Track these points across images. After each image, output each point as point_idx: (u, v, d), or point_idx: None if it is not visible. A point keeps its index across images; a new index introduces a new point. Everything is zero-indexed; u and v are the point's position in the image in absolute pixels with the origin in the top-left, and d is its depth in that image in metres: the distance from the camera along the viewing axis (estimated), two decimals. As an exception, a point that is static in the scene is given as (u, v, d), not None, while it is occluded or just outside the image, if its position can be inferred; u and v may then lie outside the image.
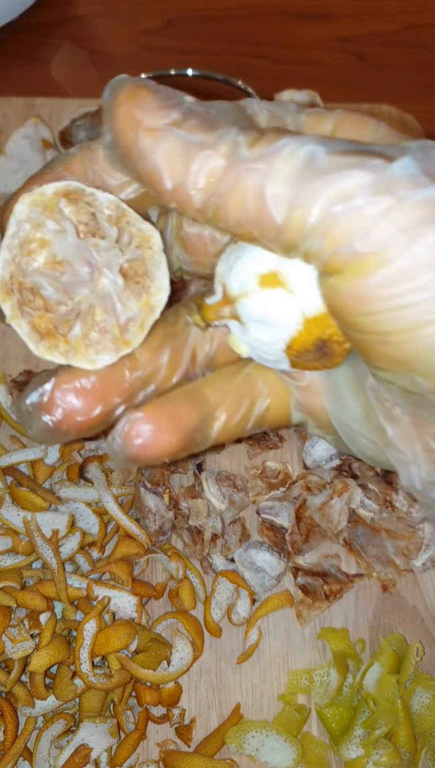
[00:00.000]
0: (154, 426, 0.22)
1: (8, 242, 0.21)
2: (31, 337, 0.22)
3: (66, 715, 0.47)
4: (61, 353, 0.22)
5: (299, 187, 0.18)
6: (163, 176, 0.19)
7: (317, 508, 0.53)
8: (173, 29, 0.84)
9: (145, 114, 0.19)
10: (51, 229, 0.21)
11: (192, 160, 0.19)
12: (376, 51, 0.84)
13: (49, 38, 0.81)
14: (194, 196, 0.19)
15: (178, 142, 0.19)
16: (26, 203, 0.21)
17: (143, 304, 0.22)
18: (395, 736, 0.48)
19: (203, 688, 0.50)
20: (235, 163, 0.18)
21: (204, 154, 0.19)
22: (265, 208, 0.18)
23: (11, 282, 0.21)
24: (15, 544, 0.50)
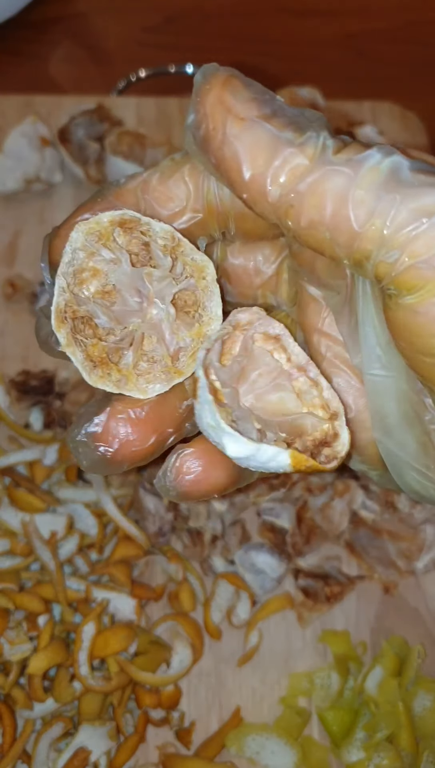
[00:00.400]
0: (204, 461, 0.22)
1: (63, 270, 0.22)
2: (84, 365, 0.22)
3: (65, 718, 0.46)
4: (114, 382, 0.22)
5: (382, 196, 0.18)
6: (244, 165, 0.19)
7: (318, 509, 0.53)
8: (173, 26, 0.83)
9: (237, 102, 0.19)
10: (105, 258, 0.22)
11: (277, 155, 0.19)
12: (378, 48, 0.83)
13: (48, 35, 0.81)
14: (272, 190, 0.19)
15: (266, 135, 0.19)
16: (82, 231, 0.21)
17: (195, 333, 0.22)
18: (397, 739, 0.47)
19: (203, 690, 0.50)
20: (320, 164, 0.19)
21: (290, 151, 0.19)
22: (344, 212, 0.18)
23: (66, 310, 0.22)
24: (13, 545, 0.50)
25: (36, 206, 0.67)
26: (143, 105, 0.72)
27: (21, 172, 0.64)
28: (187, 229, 0.22)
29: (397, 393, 0.22)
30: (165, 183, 0.22)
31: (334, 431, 0.22)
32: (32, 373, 0.58)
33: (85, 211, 0.22)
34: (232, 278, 0.25)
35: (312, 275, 0.23)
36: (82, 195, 0.68)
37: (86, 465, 0.22)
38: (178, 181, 0.22)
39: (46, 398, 0.57)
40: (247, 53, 0.80)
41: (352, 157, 0.19)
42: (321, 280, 0.22)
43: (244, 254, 0.24)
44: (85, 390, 0.57)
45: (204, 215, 0.22)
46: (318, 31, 0.84)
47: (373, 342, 0.21)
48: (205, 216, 0.22)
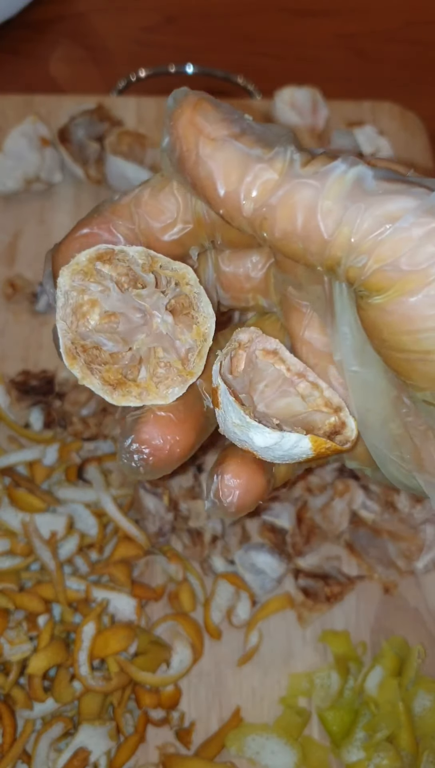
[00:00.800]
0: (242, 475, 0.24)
1: (61, 314, 0.23)
2: (104, 390, 0.24)
3: (64, 718, 0.46)
4: (136, 396, 0.24)
5: (348, 205, 0.19)
6: (218, 182, 0.20)
7: (318, 509, 0.53)
8: (173, 26, 0.83)
9: (207, 123, 0.21)
10: (95, 291, 0.23)
11: (247, 171, 0.20)
12: (377, 48, 0.83)
13: (48, 35, 0.81)
14: (245, 204, 0.20)
15: (236, 153, 0.20)
16: (66, 275, 0.23)
17: (196, 334, 0.24)
18: (397, 739, 0.47)
19: (203, 690, 0.50)
20: (289, 177, 0.20)
21: (260, 166, 0.20)
22: (314, 222, 0.19)
23: (74, 347, 0.24)
24: (13, 545, 0.50)
25: (36, 206, 0.67)
26: (143, 105, 0.72)
27: (21, 172, 0.64)
28: (179, 240, 0.24)
29: (376, 388, 0.23)
30: (156, 197, 0.23)
31: (341, 421, 0.24)
32: (32, 373, 0.58)
33: (84, 226, 0.24)
34: (225, 284, 0.26)
35: (294, 281, 0.24)
36: (82, 195, 0.68)
37: (143, 472, 0.24)
38: (168, 195, 0.23)
39: (46, 398, 0.57)
40: (247, 53, 0.80)
41: (319, 169, 0.20)
42: (302, 286, 0.24)
43: (234, 262, 0.26)
44: (85, 390, 0.57)
45: (194, 226, 0.23)
46: (318, 31, 0.84)
47: (350, 341, 0.23)
48: (195, 227, 0.23)
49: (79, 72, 0.79)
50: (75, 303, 0.23)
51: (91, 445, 0.56)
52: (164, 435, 0.24)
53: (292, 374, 0.25)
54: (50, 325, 0.62)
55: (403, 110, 0.74)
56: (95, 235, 0.23)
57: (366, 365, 0.23)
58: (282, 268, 0.24)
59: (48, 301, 0.62)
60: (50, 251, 0.24)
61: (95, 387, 0.24)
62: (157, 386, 0.24)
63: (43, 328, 0.62)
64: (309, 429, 0.24)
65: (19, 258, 0.64)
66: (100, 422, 0.56)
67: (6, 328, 0.62)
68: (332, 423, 0.24)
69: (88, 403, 0.56)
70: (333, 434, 0.24)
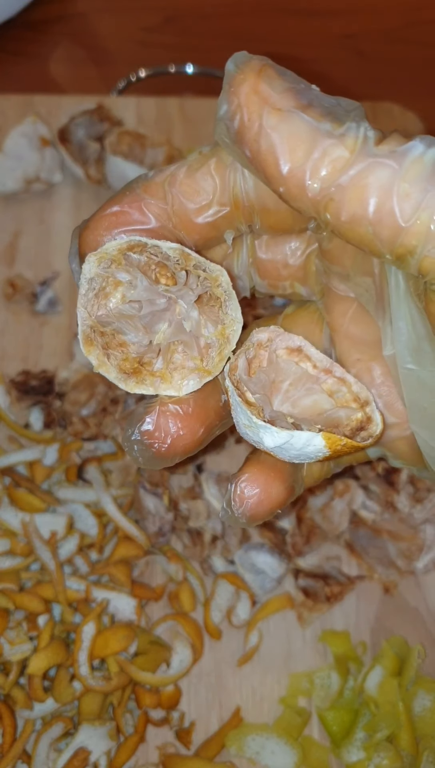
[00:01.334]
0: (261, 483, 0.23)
1: (82, 301, 0.23)
2: (119, 378, 0.23)
3: (65, 718, 0.46)
4: (150, 385, 0.23)
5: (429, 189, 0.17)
6: (281, 158, 0.19)
7: (318, 509, 0.53)
8: (173, 26, 0.83)
9: (273, 92, 0.19)
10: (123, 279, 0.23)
11: (316, 147, 0.18)
12: (377, 48, 0.83)
13: (48, 35, 0.81)
14: (311, 183, 0.18)
15: (304, 126, 0.18)
16: (92, 262, 0.22)
17: (219, 333, 0.23)
18: (397, 739, 0.47)
19: (203, 690, 0.50)
20: (362, 156, 0.18)
21: (330, 142, 0.18)
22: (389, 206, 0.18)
23: (92, 334, 0.23)
24: (13, 545, 0.50)
25: (36, 206, 0.67)
26: (143, 105, 0.72)
27: (21, 172, 0.64)
28: (214, 223, 0.22)
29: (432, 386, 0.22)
30: (192, 176, 0.22)
31: (366, 416, 0.23)
32: (32, 373, 0.58)
33: (113, 204, 0.22)
34: (262, 271, 0.25)
35: (341, 271, 0.23)
36: (82, 195, 0.68)
37: (142, 462, 0.23)
38: (205, 175, 0.21)
39: (46, 398, 0.57)
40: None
41: (395, 149, 0.18)
42: (349, 277, 0.22)
43: (271, 248, 0.24)
44: (85, 390, 0.57)
45: (230, 209, 0.22)
46: (318, 31, 0.84)
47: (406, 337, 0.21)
48: (232, 210, 0.22)
49: (79, 72, 0.79)
50: (98, 287, 0.23)
51: (91, 445, 0.56)
52: (168, 427, 0.23)
53: (318, 371, 0.24)
54: (50, 325, 0.62)
55: (403, 110, 0.74)
56: (125, 214, 0.22)
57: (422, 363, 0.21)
58: (327, 258, 0.23)
59: (48, 300, 0.62)
60: (77, 228, 0.23)
61: (110, 375, 0.23)
62: (172, 375, 0.23)
63: (43, 328, 0.62)
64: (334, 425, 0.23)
65: (19, 258, 0.64)
66: (100, 422, 0.56)
67: (6, 328, 0.62)
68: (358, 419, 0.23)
69: (88, 403, 0.56)
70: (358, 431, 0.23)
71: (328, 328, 0.25)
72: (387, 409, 0.24)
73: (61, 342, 0.61)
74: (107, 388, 0.57)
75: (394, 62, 0.82)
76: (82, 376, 0.57)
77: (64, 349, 0.61)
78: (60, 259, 0.65)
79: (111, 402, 0.56)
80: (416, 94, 0.78)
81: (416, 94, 0.79)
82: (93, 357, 0.23)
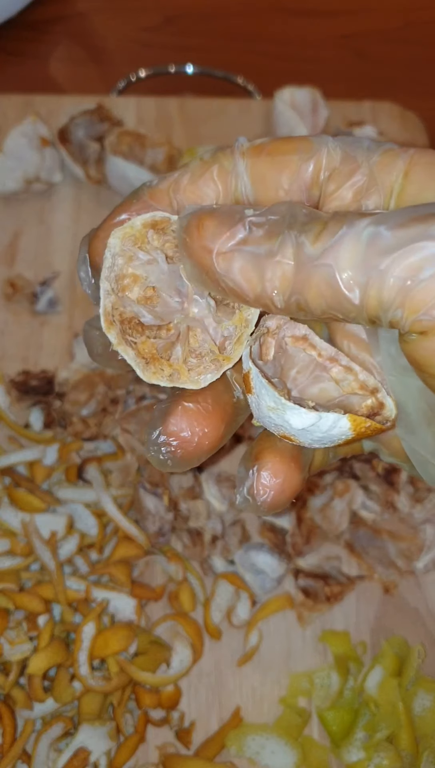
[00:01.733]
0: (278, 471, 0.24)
1: (106, 274, 0.23)
2: (137, 362, 0.23)
3: (64, 718, 0.46)
4: (167, 377, 0.23)
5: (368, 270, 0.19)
6: (244, 290, 0.21)
7: (318, 509, 0.53)
8: (172, 26, 0.83)
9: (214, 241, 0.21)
10: (142, 260, 0.23)
11: (265, 270, 0.21)
12: (377, 48, 0.83)
13: (48, 35, 0.81)
14: (275, 298, 0.21)
15: (249, 258, 0.21)
16: (118, 237, 0.23)
17: (237, 320, 0.24)
18: (397, 739, 0.47)
19: (203, 690, 0.50)
20: (303, 263, 0.20)
21: (273, 261, 0.21)
22: (341, 295, 0.20)
23: (113, 312, 0.23)
24: (13, 545, 0.50)
25: (36, 206, 0.67)
26: (143, 105, 0.72)
27: (21, 172, 0.64)
28: None
29: (417, 392, 0.23)
30: (195, 183, 0.23)
31: (378, 402, 0.24)
32: (32, 373, 0.58)
33: (121, 211, 0.24)
34: None
35: None
36: (82, 195, 0.68)
37: (171, 464, 0.23)
38: (207, 181, 0.23)
39: (46, 398, 0.57)
40: (247, 53, 0.80)
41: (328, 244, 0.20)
42: None
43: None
44: (85, 390, 0.57)
45: None
46: (318, 31, 0.84)
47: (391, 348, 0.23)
48: None
49: (79, 72, 0.79)
50: (120, 270, 0.23)
51: (91, 445, 0.56)
52: (192, 427, 0.23)
53: (324, 359, 0.24)
54: (50, 325, 0.62)
55: (403, 110, 0.74)
56: None
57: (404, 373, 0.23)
58: None
59: (48, 300, 0.62)
60: (86, 236, 0.24)
61: (129, 357, 0.23)
62: (189, 371, 0.23)
63: (43, 328, 0.62)
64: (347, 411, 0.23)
65: (19, 258, 0.64)
66: (100, 422, 0.56)
67: (6, 328, 0.62)
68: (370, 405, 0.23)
69: (88, 403, 0.56)
70: (372, 416, 0.23)
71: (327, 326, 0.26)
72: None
73: (61, 342, 0.61)
74: (107, 388, 0.57)
75: (394, 62, 0.82)
76: (82, 376, 0.57)
77: (64, 349, 0.61)
78: (60, 259, 0.65)
79: (111, 402, 0.56)
80: (416, 94, 0.79)
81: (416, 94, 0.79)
82: (112, 335, 0.23)
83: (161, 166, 0.65)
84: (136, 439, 0.54)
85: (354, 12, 0.85)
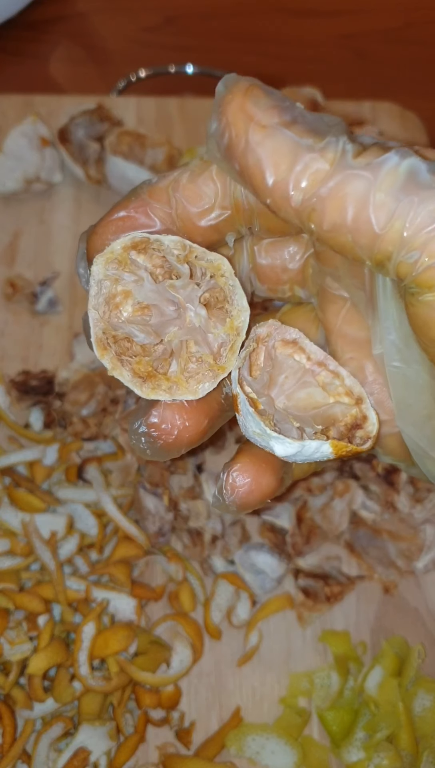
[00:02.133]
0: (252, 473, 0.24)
1: (93, 303, 0.23)
2: (134, 383, 0.23)
3: (65, 718, 0.46)
4: (165, 390, 0.24)
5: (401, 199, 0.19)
6: (267, 171, 0.20)
7: (318, 509, 0.53)
8: (172, 26, 0.83)
9: (259, 110, 0.20)
10: (129, 281, 0.23)
11: (298, 160, 0.20)
12: (377, 48, 0.83)
13: (48, 35, 0.81)
14: (294, 195, 0.20)
15: (287, 141, 0.20)
16: (100, 264, 0.23)
17: (229, 328, 0.24)
18: (397, 739, 0.47)
19: (203, 690, 0.50)
20: (341, 168, 0.19)
21: (311, 156, 0.20)
22: (365, 215, 0.19)
23: (105, 337, 0.23)
24: (13, 545, 0.50)
25: (36, 206, 0.67)
26: (143, 105, 0.72)
27: (21, 172, 0.64)
28: (216, 226, 0.23)
29: (418, 384, 0.23)
30: (194, 182, 0.23)
31: (362, 414, 0.24)
32: (32, 373, 0.58)
33: (121, 209, 0.23)
34: (261, 276, 0.26)
35: (333, 272, 0.24)
36: (82, 195, 0.68)
37: (150, 454, 0.24)
38: (206, 180, 0.23)
39: (46, 398, 0.57)
40: (247, 53, 0.80)
41: (371, 161, 0.19)
42: (341, 278, 0.24)
43: (271, 254, 0.26)
44: (85, 390, 0.57)
45: (232, 212, 0.23)
46: (318, 31, 0.84)
47: (393, 335, 0.22)
48: (233, 213, 0.23)
49: (79, 72, 0.79)
50: (108, 293, 0.23)
51: (91, 445, 0.56)
52: (174, 420, 0.24)
53: (313, 363, 0.24)
54: (50, 325, 0.62)
55: (403, 110, 0.74)
56: (132, 218, 0.23)
57: (409, 361, 0.22)
58: (321, 260, 0.24)
59: (48, 300, 0.62)
60: (85, 233, 0.24)
61: (125, 379, 0.23)
62: (187, 381, 0.24)
63: (43, 328, 0.62)
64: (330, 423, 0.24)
65: (19, 258, 0.64)
66: (100, 422, 0.56)
67: (6, 328, 0.62)
68: (353, 415, 0.24)
69: (88, 403, 0.56)
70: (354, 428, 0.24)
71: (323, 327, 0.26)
72: (378, 406, 0.24)
73: (61, 342, 0.61)
74: (107, 388, 0.57)
75: (394, 62, 0.82)
76: (82, 376, 0.57)
77: (64, 349, 0.61)
78: (60, 259, 0.65)
79: (111, 402, 0.56)
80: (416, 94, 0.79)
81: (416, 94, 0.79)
82: (106, 361, 0.23)
83: (161, 166, 0.65)
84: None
85: (354, 12, 0.85)
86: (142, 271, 0.23)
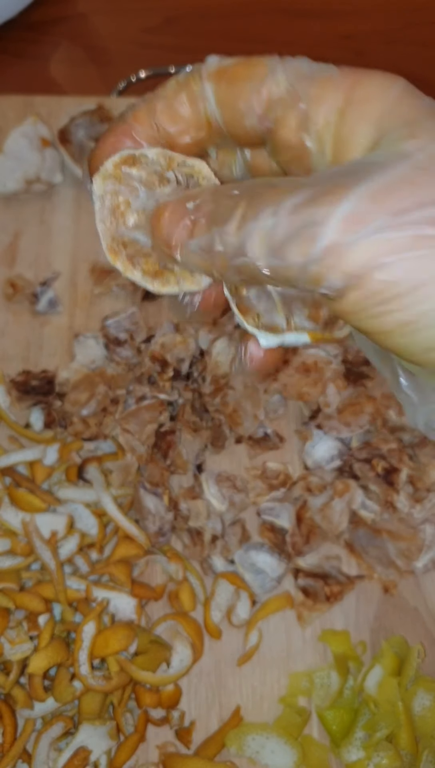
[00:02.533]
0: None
1: (99, 216, 0.26)
2: (145, 280, 0.26)
3: (65, 718, 0.46)
4: (174, 284, 0.26)
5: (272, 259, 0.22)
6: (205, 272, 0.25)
7: (318, 509, 0.53)
8: (173, 27, 0.83)
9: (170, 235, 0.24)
10: (126, 192, 0.26)
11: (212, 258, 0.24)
12: (377, 49, 0.83)
13: (48, 36, 0.81)
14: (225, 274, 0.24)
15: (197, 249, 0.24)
16: (98, 181, 0.26)
17: None
18: (396, 738, 0.47)
19: (203, 690, 0.50)
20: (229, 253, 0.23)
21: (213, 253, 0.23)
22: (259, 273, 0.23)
23: (114, 244, 0.26)
24: (13, 545, 0.50)
25: (36, 207, 0.67)
26: (143, 105, 0.73)
27: (21, 172, 0.64)
28: (196, 143, 0.26)
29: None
30: (170, 105, 0.26)
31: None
32: (32, 373, 0.58)
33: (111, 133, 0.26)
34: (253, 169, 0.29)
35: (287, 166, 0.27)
36: (83, 196, 0.68)
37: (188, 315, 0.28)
38: (181, 103, 0.26)
39: (47, 398, 0.57)
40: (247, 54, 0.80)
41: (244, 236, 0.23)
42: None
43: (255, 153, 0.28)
44: (86, 390, 0.57)
45: (206, 131, 0.26)
46: (317, 32, 0.84)
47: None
48: (207, 131, 0.26)
49: (80, 73, 0.79)
50: (111, 205, 0.26)
51: (91, 445, 0.56)
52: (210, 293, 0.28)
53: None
54: (51, 325, 0.62)
55: (403, 111, 0.74)
56: (121, 141, 0.26)
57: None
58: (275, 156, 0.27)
59: (49, 300, 0.62)
60: (87, 157, 0.27)
61: (137, 278, 0.26)
62: (192, 274, 0.26)
63: (43, 328, 0.62)
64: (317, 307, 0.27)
65: (20, 258, 0.65)
66: (100, 422, 0.56)
67: (6, 328, 0.62)
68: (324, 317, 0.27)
69: (89, 403, 0.56)
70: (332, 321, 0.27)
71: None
72: None
73: (61, 342, 0.61)
74: (107, 388, 0.57)
75: (394, 62, 0.82)
76: (82, 376, 0.57)
77: (64, 349, 0.61)
78: (60, 260, 0.65)
79: (111, 402, 0.56)
80: (416, 95, 0.79)
81: (416, 94, 0.79)
82: (119, 264, 0.26)
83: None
84: (136, 439, 0.54)
85: (354, 12, 0.85)
86: (136, 183, 0.26)
